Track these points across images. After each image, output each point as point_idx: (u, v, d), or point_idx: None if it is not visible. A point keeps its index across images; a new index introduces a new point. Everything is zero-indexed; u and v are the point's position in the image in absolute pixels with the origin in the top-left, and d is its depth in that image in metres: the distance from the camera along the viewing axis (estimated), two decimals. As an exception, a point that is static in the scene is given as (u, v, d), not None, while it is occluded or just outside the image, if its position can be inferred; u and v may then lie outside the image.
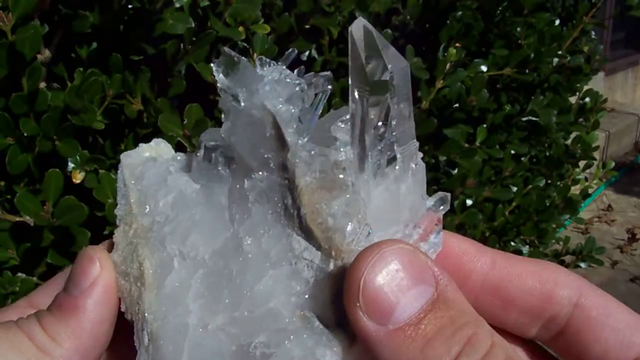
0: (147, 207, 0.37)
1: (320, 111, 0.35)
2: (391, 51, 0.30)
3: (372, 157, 0.31)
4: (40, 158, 0.71)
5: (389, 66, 0.30)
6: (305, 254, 0.32)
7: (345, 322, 0.30)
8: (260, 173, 0.35)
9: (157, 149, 0.42)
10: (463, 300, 0.30)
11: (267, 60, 0.36)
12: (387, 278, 0.28)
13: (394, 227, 0.32)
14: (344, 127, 0.33)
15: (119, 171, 0.40)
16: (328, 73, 0.35)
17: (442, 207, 0.34)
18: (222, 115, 0.36)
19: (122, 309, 0.35)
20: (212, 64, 0.36)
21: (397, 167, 0.32)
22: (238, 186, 0.36)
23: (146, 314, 0.33)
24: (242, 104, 0.35)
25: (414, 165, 0.32)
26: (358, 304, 0.28)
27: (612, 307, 0.34)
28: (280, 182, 0.34)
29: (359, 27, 0.30)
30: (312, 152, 0.33)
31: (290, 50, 0.37)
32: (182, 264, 0.35)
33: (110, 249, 0.37)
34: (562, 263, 1.61)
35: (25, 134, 0.68)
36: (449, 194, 0.34)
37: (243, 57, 0.36)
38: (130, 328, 0.34)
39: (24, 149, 0.70)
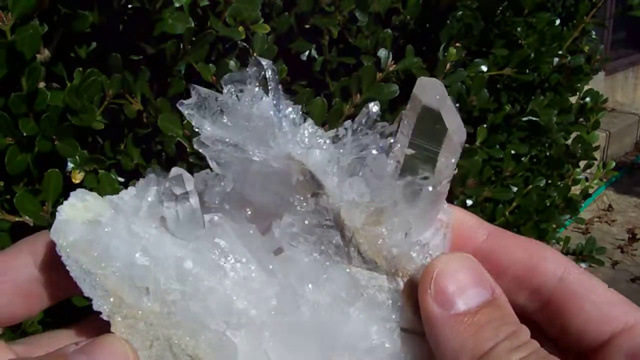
0: (145, 289, 0.31)
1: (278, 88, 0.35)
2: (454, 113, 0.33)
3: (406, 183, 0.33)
4: (40, 158, 0.71)
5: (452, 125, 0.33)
6: (372, 282, 0.34)
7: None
8: (290, 219, 0.33)
9: (86, 206, 0.33)
10: (510, 308, 0.35)
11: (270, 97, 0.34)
12: (455, 276, 0.34)
13: (429, 230, 0.35)
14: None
15: (61, 255, 0.31)
16: (269, 61, 0.35)
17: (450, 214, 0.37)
18: (213, 164, 0.33)
19: None
20: (182, 108, 0.33)
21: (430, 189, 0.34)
22: (264, 236, 0.33)
23: None
24: (256, 158, 0.32)
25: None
26: (429, 291, 0.33)
27: (594, 283, 0.37)
28: (319, 224, 0.33)
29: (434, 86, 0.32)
30: (354, 194, 0.33)
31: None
32: (240, 335, 0.31)
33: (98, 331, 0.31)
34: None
35: (25, 134, 0.68)
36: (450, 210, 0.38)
37: (217, 94, 0.33)
38: None
39: (23, 149, 0.70)
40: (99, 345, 0.30)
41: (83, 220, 0.32)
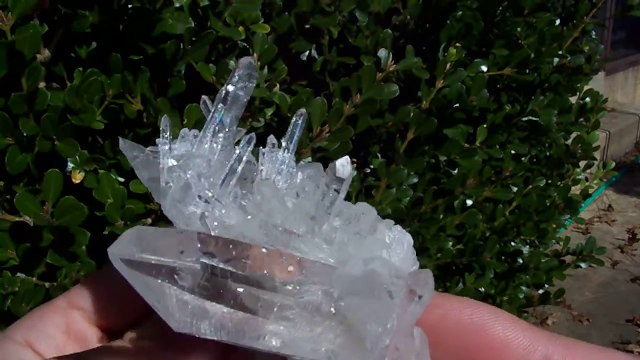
0: None
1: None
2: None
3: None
4: (40, 158, 0.71)
5: None
6: None
7: None
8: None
9: None
10: None
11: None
12: None
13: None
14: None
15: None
16: (251, 135, 0.31)
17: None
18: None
19: None
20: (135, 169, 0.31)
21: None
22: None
23: None
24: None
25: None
26: None
27: None
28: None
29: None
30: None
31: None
32: None
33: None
34: (562, 263, 1.61)
35: (25, 134, 0.68)
36: (429, 273, 0.29)
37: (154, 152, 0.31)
38: None
39: (23, 149, 0.70)
40: None
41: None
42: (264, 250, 0.27)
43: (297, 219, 0.29)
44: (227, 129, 0.32)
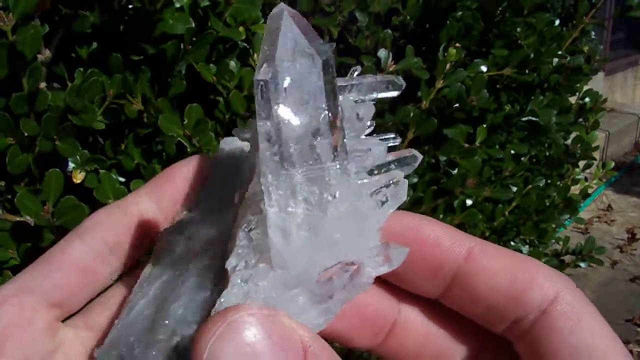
0: None
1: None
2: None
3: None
4: (41, 158, 0.71)
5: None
6: None
7: None
8: None
9: None
10: None
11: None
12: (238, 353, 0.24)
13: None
14: None
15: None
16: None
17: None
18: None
19: None
20: None
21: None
22: None
23: None
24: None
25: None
26: None
27: (582, 319, 0.31)
28: None
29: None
30: None
31: None
32: None
33: None
34: (562, 263, 1.61)
35: (26, 134, 0.68)
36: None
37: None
38: None
39: (24, 149, 0.70)
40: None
41: None
42: None
43: None
44: None
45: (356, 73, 0.36)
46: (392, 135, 0.34)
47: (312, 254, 0.27)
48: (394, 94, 0.35)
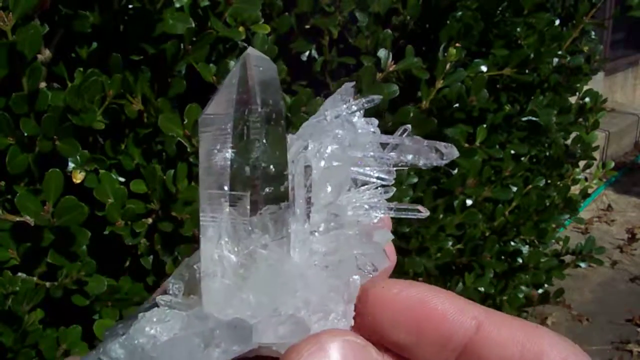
0: None
1: None
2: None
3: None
4: (41, 158, 0.71)
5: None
6: None
7: None
8: None
9: None
10: None
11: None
12: None
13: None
14: None
15: None
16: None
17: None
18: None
19: None
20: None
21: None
22: None
23: None
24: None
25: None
26: None
27: None
28: None
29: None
30: None
31: None
32: None
33: None
34: (562, 263, 1.61)
35: (26, 134, 0.68)
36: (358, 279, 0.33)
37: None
38: None
39: (24, 149, 0.70)
40: None
41: None
42: None
43: None
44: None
45: (406, 133, 0.37)
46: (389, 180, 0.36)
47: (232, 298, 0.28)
48: (439, 163, 0.36)
